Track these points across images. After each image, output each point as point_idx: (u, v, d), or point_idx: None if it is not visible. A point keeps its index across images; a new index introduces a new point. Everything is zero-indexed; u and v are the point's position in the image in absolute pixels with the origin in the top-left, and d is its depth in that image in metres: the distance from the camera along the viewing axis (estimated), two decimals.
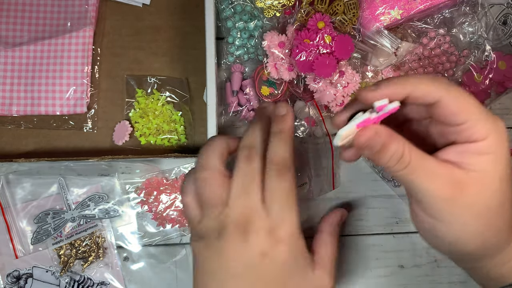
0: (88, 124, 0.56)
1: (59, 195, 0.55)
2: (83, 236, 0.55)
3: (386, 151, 0.32)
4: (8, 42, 0.57)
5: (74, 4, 0.57)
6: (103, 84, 0.57)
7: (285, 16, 0.53)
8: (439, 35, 0.54)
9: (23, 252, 0.55)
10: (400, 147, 0.32)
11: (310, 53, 0.49)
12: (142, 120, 0.55)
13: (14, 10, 0.57)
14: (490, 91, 0.55)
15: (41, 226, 0.54)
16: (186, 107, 0.56)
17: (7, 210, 0.55)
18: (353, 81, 0.52)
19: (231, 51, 0.55)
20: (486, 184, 0.32)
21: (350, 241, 0.57)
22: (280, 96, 0.55)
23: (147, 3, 0.57)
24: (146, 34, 0.57)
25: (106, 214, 0.55)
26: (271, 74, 0.53)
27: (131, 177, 0.56)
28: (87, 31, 0.56)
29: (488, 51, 0.54)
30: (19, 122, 0.56)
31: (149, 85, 0.56)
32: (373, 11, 0.52)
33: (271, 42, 0.52)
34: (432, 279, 0.56)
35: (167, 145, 0.56)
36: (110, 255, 0.55)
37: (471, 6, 0.53)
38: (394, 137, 0.33)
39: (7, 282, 0.54)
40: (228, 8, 0.54)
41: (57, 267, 0.55)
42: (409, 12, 0.51)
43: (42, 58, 0.56)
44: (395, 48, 0.52)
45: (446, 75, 0.55)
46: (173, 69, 0.57)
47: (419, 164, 0.32)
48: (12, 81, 0.56)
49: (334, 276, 0.36)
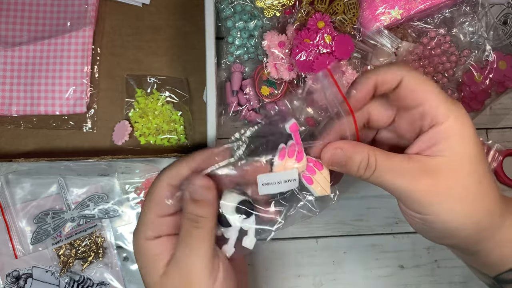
0: (87, 124, 0.56)
1: (59, 195, 0.55)
2: (82, 236, 0.55)
3: (352, 163, 0.34)
4: (7, 42, 0.57)
5: (74, 3, 0.57)
6: (102, 84, 0.57)
7: (285, 15, 0.53)
8: (439, 35, 0.54)
9: (22, 252, 0.54)
10: (364, 155, 0.34)
11: (310, 53, 0.49)
12: (142, 120, 0.55)
13: (14, 10, 0.57)
14: (490, 91, 0.55)
15: (40, 226, 0.54)
16: (185, 107, 0.56)
17: (6, 210, 0.54)
18: None
19: (231, 51, 0.55)
20: (457, 166, 0.33)
21: (350, 241, 0.57)
22: (280, 96, 0.55)
23: (147, 2, 0.57)
24: (146, 34, 0.57)
25: (106, 214, 0.55)
26: (271, 74, 0.53)
27: (130, 177, 0.56)
28: (87, 31, 0.56)
29: (489, 51, 0.54)
30: (18, 122, 0.56)
31: (148, 85, 0.56)
32: (373, 11, 0.52)
33: (271, 42, 0.52)
34: (432, 279, 0.56)
35: (166, 145, 0.56)
36: (109, 255, 0.55)
37: (472, 6, 0.53)
38: (357, 147, 0.34)
39: (7, 282, 0.54)
40: (228, 7, 0.54)
41: (57, 267, 0.55)
42: (409, 12, 0.51)
43: (42, 58, 0.56)
44: (395, 48, 0.52)
45: (446, 75, 0.55)
46: (173, 69, 0.57)
47: (386, 165, 0.33)
48: (11, 81, 0.56)
49: None
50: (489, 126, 0.58)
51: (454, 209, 0.33)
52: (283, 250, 0.56)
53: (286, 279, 0.56)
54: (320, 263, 0.56)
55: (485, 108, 0.56)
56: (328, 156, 0.35)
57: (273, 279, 0.56)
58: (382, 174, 0.33)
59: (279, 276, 0.56)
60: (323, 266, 0.56)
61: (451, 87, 0.55)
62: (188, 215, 0.36)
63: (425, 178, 0.33)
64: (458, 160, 0.33)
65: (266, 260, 0.56)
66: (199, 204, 0.35)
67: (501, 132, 0.58)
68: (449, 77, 0.55)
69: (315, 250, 0.56)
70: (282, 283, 0.56)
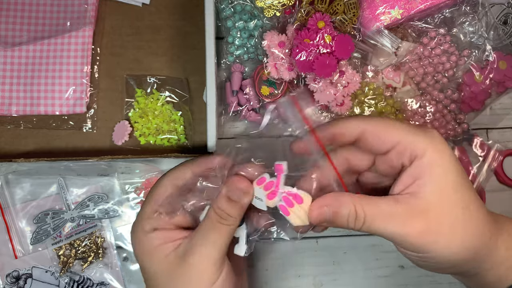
0: (87, 124, 0.56)
1: (59, 195, 0.55)
2: (82, 236, 0.55)
3: (340, 218, 0.34)
4: (7, 41, 0.57)
5: (74, 3, 0.57)
6: (102, 84, 0.57)
7: (285, 15, 0.53)
8: (439, 34, 0.54)
9: (22, 252, 0.54)
10: (351, 208, 0.33)
11: (310, 53, 0.49)
12: (142, 120, 0.55)
13: (14, 9, 0.57)
14: (490, 91, 0.55)
15: (40, 226, 0.54)
16: (185, 107, 0.56)
17: (6, 210, 0.54)
18: (353, 81, 0.52)
19: (231, 51, 0.55)
20: (444, 198, 0.33)
21: (350, 241, 0.56)
22: (280, 96, 0.55)
23: (147, 2, 0.57)
24: (146, 33, 0.57)
25: (106, 214, 0.55)
26: (271, 74, 0.53)
27: (130, 177, 0.56)
28: (87, 31, 0.56)
29: (489, 51, 0.54)
30: (18, 122, 0.56)
31: (148, 85, 0.56)
32: (373, 11, 0.52)
33: (271, 41, 0.52)
34: (432, 279, 0.56)
35: (166, 145, 0.55)
36: (109, 255, 0.55)
37: (472, 5, 0.53)
38: (342, 201, 0.34)
39: (7, 282, 0.54)
40: (228, 7, 0.54)
41: (57, 267, 0.55)
42: (410, 12, 0.51)
43: (42, 58, 0.56)
44: (395, 48, 0.52)
45: (446, 75, 0.55)
46: (172, 69, 0.57)
47: (375, 213, 0.33)
48: (11, 81, 0.56)
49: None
50: (489, 126, 0.58)
51: (449, 243, 0.33)
52: (283, 250, 0.56)
53: (286, 279, 0.56)
54: (320, 263, 0.56)
55: (485, 108, 0.56)
56: (315, 216, 0.35)
57: (273, 279, 0.56)
58: (373, 223, 0.33)
59: (279, 276, 0.56)
60: (323, 266, 0.56)
61: (451, 87, 0.55)
62: (218, 210, 0.37)
63: (416, 220, 0.32)
64: (444, 190, 0.33)
65: (266, 260, 0.56)
66: (233, 204, 0.36)
67: (501, 132, 0.58)
68: (449, 77, 0.55)
69: (315, 250, 0.56)
70: (282, 283, 0.56)
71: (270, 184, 0.37)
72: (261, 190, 0.37)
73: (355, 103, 0.54)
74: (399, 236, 0.33)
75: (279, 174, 0.37)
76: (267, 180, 0.37)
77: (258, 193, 0.37)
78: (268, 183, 0.37)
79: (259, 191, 0.37)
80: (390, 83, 0.55)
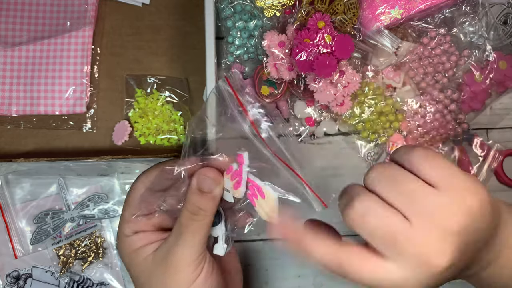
0: (87, 124, 0.56)
1: (59, 195, 0.55)
2: (82, 236, 0.55)
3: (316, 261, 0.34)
4: (7, 41, 0.57)
5: (74, 3, 0.57)
6: (102, 84, 0.57)
7: (285, 15, 0.53)
8: (439, 34, 0.54)
9: (22, 252, 0.54)
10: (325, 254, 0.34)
11: (310, 53, 0.49)
12: (142, 120, 0.55)
13: (14, 9, 0.57)
14: (490, 91, 0.55)
15: (40, 226, 0.54)
16: (185, 107, 0.56)
17: (6, 210, 0.54)
18: (353, 81, 0.52)
19: (231, 51, 0.55)
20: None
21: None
22: (280, 95, 0.55)
23: (147, 2, 0.57)
24: (145, 34, 0.57)
25: (106, 214, 0.55)
26: (271, 74, 0.53)
27: (130, 177, 0.56)
28: (87, 31, 0.56)
29: (489, 51, 0.54)
30: (18, 122, 0.56)
31: (148, 85, 0.56)
32: (374, 11, 0.52)
33: (271, 41, 0.52)
34: None
35: (166, 145, 0.55)
36: (109, 255, 0.55)
37: (472, 5, 0.53)
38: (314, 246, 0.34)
39: (7, 282, 0.54)
40: (228, 7, 0.54)
41: (57, 267, 0.55)
42: (410, 12, 0.51)
43: (42, 58, 0.56)
44: (395, 48, 0.52)
45: (447, 75, 0.55)
46: (172, 69, 0.57)
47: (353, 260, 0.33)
48: (11, 81, 0.56)
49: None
50: (489, 126, 0.58)
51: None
52: (283, 250, 0.56)
53: (286, 279, 0.56)
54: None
55: (485, 108, 0.56)
56: (274, 235, 0.35)
57: (273, 279, 0.56)
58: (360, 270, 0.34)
59: (279, 276, 0.56)
60: None
61: (451, 87, 0.55)
62: (189, 206, 0.36)
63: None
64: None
65: (266, 260, 0.56)
66: (204, 196, 0.36)
67: (501, 132, 0.58)
68: (449, 77, 0.55)
69: None
70: (282, 283, 0.56)
71: (236, 173, 0.36)
72: (228, 180, 0.36)
73: (355, 103, 0.54)
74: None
75: (241, 165, 0.36)
76: (233, 169, 0.36)
77: (227, 184, 0.36)
78: (234, 172, 0.36)
79: (227, 182, 0.36)
80: (390, 83, 0.55)
